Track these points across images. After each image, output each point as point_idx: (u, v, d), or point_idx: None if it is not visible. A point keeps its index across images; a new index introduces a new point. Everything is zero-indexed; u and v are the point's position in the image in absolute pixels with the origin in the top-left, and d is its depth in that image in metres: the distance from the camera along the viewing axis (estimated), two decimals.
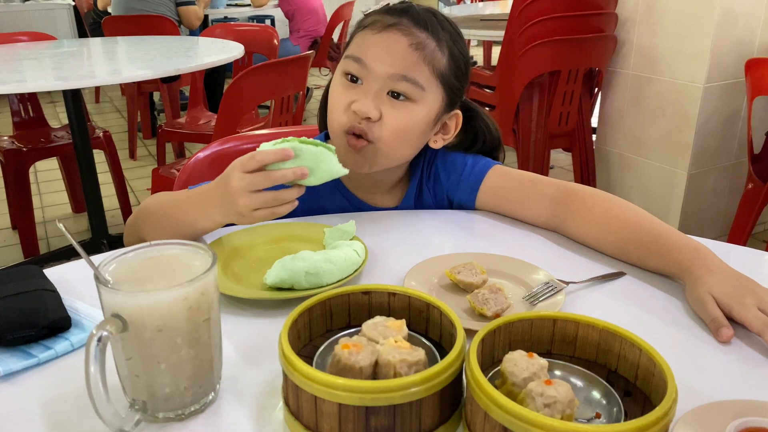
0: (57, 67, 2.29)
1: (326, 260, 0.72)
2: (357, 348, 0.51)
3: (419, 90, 0.86)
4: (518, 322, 0.55)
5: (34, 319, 0.62)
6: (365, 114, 0.85)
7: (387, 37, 0.85)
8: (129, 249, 0.54)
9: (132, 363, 0.51)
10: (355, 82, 0.87)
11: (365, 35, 0.87)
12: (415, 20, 0.86)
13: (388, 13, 0.87)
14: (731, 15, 2.23)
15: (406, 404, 0.47)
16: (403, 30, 0.85)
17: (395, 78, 0.85)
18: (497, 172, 0.97)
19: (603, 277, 0.76)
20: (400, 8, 0.88)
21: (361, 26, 0.89)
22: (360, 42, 0.88)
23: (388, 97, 0.86)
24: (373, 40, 0.86)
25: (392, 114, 0.86)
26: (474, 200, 0.98)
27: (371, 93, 0.86)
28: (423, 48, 0.85)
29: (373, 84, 0.86)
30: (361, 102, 0.85)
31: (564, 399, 0.46)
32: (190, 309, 0.50)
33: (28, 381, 0.59)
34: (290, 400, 0.51)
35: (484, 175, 0.97)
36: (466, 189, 0.98)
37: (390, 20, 0.86)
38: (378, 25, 0.86)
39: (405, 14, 0.86)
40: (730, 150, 2.49)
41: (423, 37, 0.86)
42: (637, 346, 0.51)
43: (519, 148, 2.70)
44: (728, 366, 0.62)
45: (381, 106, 0.86)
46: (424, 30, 0.86)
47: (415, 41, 0.85)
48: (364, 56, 0.86)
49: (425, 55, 0.86)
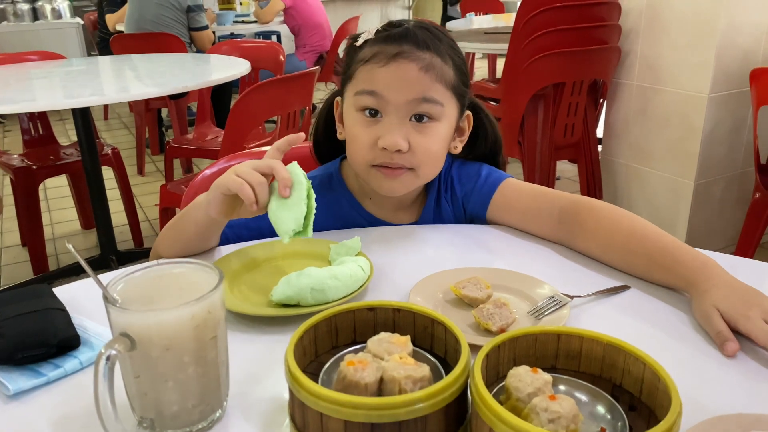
0: (66, 86, 2.32)
1: (332, 276, 0.72)
2: (362, 364, 0.52)
3: (439, 107, 0.88)
4: (522, 337, 0.55)
5: (44, 338, 0.63)
6: (396, 148, 0.86)
7: (396, 68, 0.85)
8: (137, 268, 0.55)
9: (140, 381, 0.52)
10: (374, 116, 0.88)
11: (372, 69, 0.87)
12: (417, 43, 0.87)
13: (388, 42, 0.87)
14: (735, 25, 2.24)
15: (411, 421, 0.47)
16: (409, 57, 0.86)
17: (416, 103, 0.87)
18: (509, 185, 0.98)
19: (608, 291, 0.76)
20: (398, 34, 0.88)
21: (363, 60, 0.88)
22: (368, 77, 0.88)
23: (412, 123, 0.88)
24: (382, 73, 0.86)
25: (420, 139, 0.88)
26: (485, 211, 0.99)
27: (395, 125, 0.87)
28: (432, 68, 0.87)
29: (394, 114, 0.87)
30: (389, 137, 0.86)
31: (568, 414, 0.46)
32: (197, 327, 0.51)
33: (38, 400, 0.60)
34: (296, 416, 0.52)
35: (497, 187, 0.98)
36: (478, 200, 0.99)
37: (393, 50, 0.86)
38: (382, 57, 0.86)
39: (405, 40, 0.87)
40: (737, 159, 2.49)
41: (429, 58, 0.86)
42: (642, 360, 0.51)
43: (524, 160, 2.70)
44: (734, 380, 0.62)
45: (408, 136, 0.87)
46: (428, 50, 0.87)
47: (423, 64, 0.86)
48: (379, 89, 0.86)
49: (435, 73, 0.87)
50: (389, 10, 7.84)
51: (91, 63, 2.98)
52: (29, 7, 5.82)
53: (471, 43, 3.21)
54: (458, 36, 3.34)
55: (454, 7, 6.72)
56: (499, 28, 3.61)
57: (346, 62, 0.93)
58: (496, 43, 3.04)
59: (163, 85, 2.26)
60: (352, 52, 0.92)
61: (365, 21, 6.98)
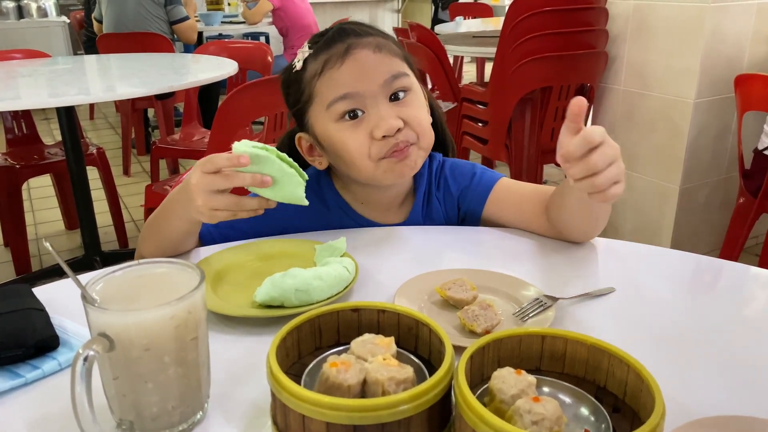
0: (51, 85, 2.29)
1: (316, 277, 0.72)
2: (345, 366, 0.51)
3: (408, 78, 0.89)
4: (507, 339, 0.55)
5: (22, 339, 0.62)
6: (395, 129, 0.85)
7: (353, 61, 0.85)
8: (117, 267, 0.54)
9: (119, 382, 0.51)
10: (355, 117, 0.87)
11: (331, 76, 0.86)
12: (356, 33, 0.87)
13: (330, 46, 0.86)
14: (720, 32, 2.26)
15: (394, 422, 0.47)
16: (358, 46, 0.85)
17: (388, 83, 0.86)
18: (504, 183, 1.00)
19: (593, 294, 0.76)
20: (334, 35, 0.87)
21: (315, 75, 0.87)
22: (332, 84, 0.86)
23: (392, 103, 0.87)
24: (343, 73, 0.85)
25: (408, 112, 0.88)
26: (482, 208, 0.99)
27: (381, 111, 0.86)
28: (383, 46, 0.87)
29: (374, 102, 0.86)
30: (383, 124, 0.85)
31: (552, 416, 0.46)
32: (177, 328, 0.50)
33: (16, 401, 0.59)
34: (278, 418, 0.51)
35: (493, 185, 0.99)
36: (474, 199, 1.00)
37: (340, 48, 0.85)
38: (334, 59, 0.85)
39: (344, 35, 0.87)
40: (722, 165, 2.51)
41: (374, 40, 0.87)
42: (626, 362, 0.51)
43: (512, 163, 2.71)
44: (717, 383, 0.62)
45: (398, 113, 0.87)
46: (368, 35, 0.87)
47: (374, 46, 0.86)
48: (349, 89, 0.85)
49: (388, 50, 0.88)
50: (378, 12, 7.84)
51: (77, 62, 2.95)
52: (14, 5, 5.75)
53: (459, 46, 3.21)
54: (447, 39, 3.34)
55: (444, 11, 6.74)
56: (487, 31, 3.62)
57: (296, 91, 0.91)
58: (484, 47, 3.05)
59: (150, 84, 2.24)
60: (298, 77, 0.90)
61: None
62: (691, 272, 0.87)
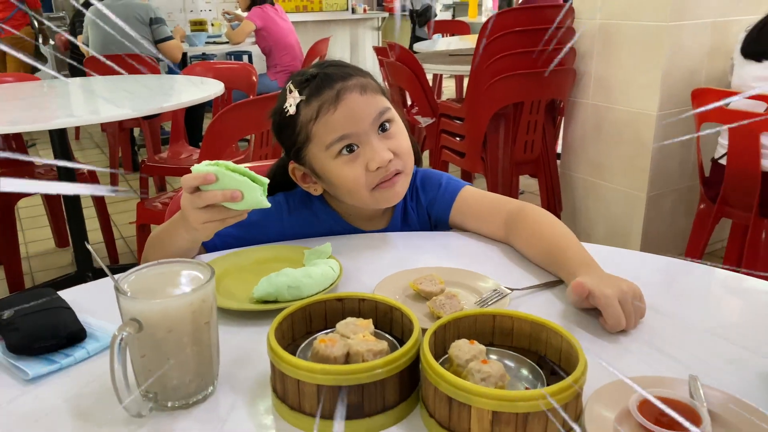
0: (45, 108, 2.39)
1: (306, 275, 0.83)
2: (332, 342, 0.63)
3: (390, 111, 1.01)
4: (464, 318, 0.67)
5: (55, 331, 0.73)
6: (387, 161, 0.98)
7: (344, 105, 0.96)
8: (143, 266, 0.65)
9: (146, 359, 0.62)
10: (352, 151, 0.98)
11: (327, 121, 0.97)
12: (341, 78, 0.98)
13: (321, 92, 0.97)
14: (679, 48, 2.41)
15: (372, 383, 0.58)
16: (347, 90, 0.97)
17: (376, 119, 0.99)
18: (467, 192, 1.11)
19: (543, 285, 0.88)
20: (322, 81, 0.98)
21: (311, 119, 0.98)
22: (329, 128, 0.97)
23: (381, 135, 1.00)
24: (338, 117, 0.96)
25: (394, 143, 1.00)
26: (448, 216, 1.11)
27: (374, 146, 0.98)
28: (365, 87, 0.99)
29: (367, 138, 0.98)
30: (377, 157, 0.97)
31: (496, 374, 0.57)
32: (194, 313, 0.61)
33: (53, 383, 0.69)
34: (277, 386, 0.62)
35: (456, 195, 1.11)
36: (440, 207, 1.12)
37: (330, 94, 0.96)
38: (327, 105, 0.96)
39: (331, 81, 0.97)
40: (685, 173, 2.66)
41: (357, 81, 0.98)
42: (560, 334, 0.63)
43: (488, 175, 2.84)
44: (639, 350, 0.74)
45: (387, 146, 0.99)
46: (352, 78, 0.98)
47: (359, 89, 0.98)
48: (345, 131, 0.97)
49: (371, 88, 1.00)
50: (359, 30, 8.01)
51: (66, 84, 3.04)
52: None
53: (436, 65, 3.36)
54: (424, 57, 3.48)
55: (422, 28, 6.92)
56: (463, 49, 3.77)
57: (291, 133, 1.01)
58: (459, 65, 3.19)
59: (141, 105, 2.34)
60: (291, 121, 1.00)
61: (335, 42, 7.14)
62: (636, 266, 0.99)
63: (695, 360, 0.72)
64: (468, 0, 7.30)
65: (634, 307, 0.77)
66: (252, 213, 0.85)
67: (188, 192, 0.81)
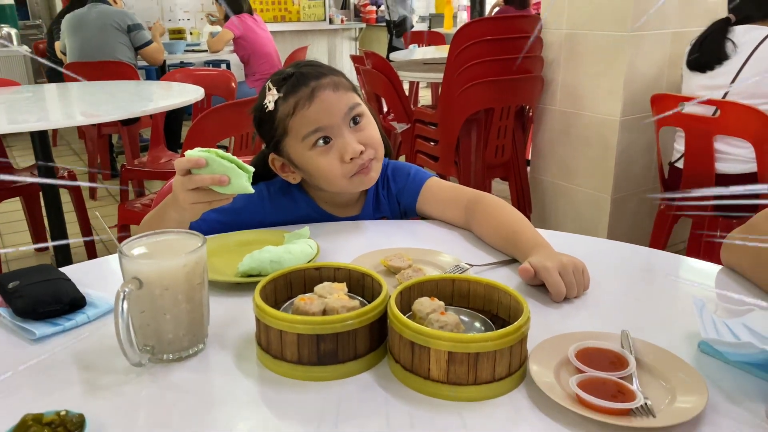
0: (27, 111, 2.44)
1: (286, 251, 0.91)
2: (311, 300, 0.71)
3: (360, 106, 1.11)
4: (427, 282, 0.76)
5: (58, 298, 0.80)
6: (359, 152, 1.07)
7: (319, 102, 1.06)
8: (143, 234, 0.73)
9: (144, 315, 0.70)
10: (327, 142, 1.08)
11: (303, 115, 1.06)
12: (315, 77, 1.07)
13: (297, 90, 1.06)
14: (640, 56, 2.54)
15: (344, 333, 0.67)
16: (320, 88, 1.06)
17: (347, 113, 1.09)
18: (432, 182, 1.21)
19: (500, 263, 0.98)
20: (298, 80, 1.07)
21: (288, 114, 1.07)
22: (304, 122, 1.06)
23: (353, 127, 1.09)
24: (312, 112, 1.06)
25: (365, 134, 1.10)
26: (415, 204, 1.21)
27: (346, 138, 1.08)
28: (338, 84, 1.09)
29: (339, 131, 1.08)
30: (349, 149, 1.07)
31: (452, 322, 0.67)
32: (187, 273, 0.69)
33: (57, 343, 0.77)
34: (261, 338, 0.71)
35: (422, 184, 1.20)
36: (408, 195, 1.22)
37: (306, 92, 1.06)
38: (303, 102, 1.06)
39: (306, 79, 1.07)
40: (648, 176, 2.78)
41: (330, 80, 1.08)
42: (509, 293, 0.73)
43: (461, 178, 2.95)
44: (576, 315, 0.83)
45: (358, 138, 1.09)
46: (325, 77, 1.08)
47: (332, 86, 1.07)
48: (319, 124, 1.07)
49: (342, 86, 1.10)
50: (336, 40, 8.12)
51: (47, 90, 3.09)
52: None
53: (411, 72, 3.47)
54: (400, 66, 3.59)
55: (399, 39, 7.05)
56: (437, 58, 3.89)
57: (270, 127, 1.11)
58: (433, 73, 3.30)
59: (123, 109, 2.41)
60: (270, 116, 1.10)
61: (313, 50, 7.23)
62: (590, 248, 1.09)
63: (630, 322, 0.81)
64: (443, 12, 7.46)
65: (576, 278, 0.86)
66: (235, 200, 0.93)
67: (180, 174, 0.89)
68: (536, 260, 0.89)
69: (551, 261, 0.87)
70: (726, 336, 0.74)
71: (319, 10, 7.84)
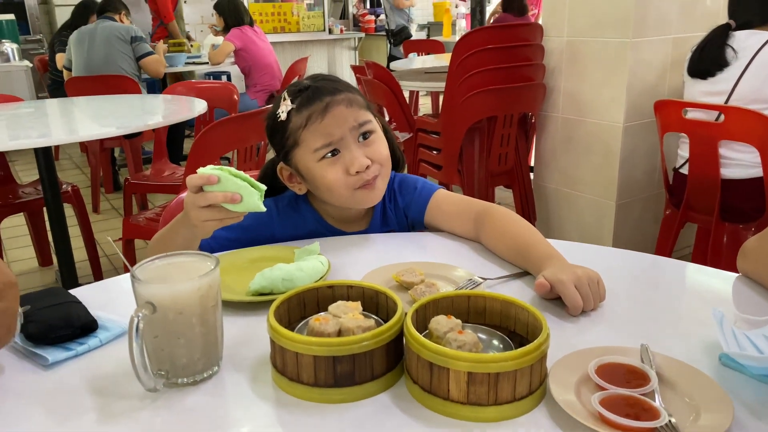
0: (30, 127, 2.44)
1: (298, 269, 0.91)
2: (325, 320, 0.70)
3: (371, 123, 1.11)
4: (443, 299, 0.75)
5: (69, 322, 0.79)
6: (365, 166, 1.07)
7: (331, 116, 1.06)
8: (155, 257, 0.73)
9: (158, 340, 0.69)
10: (336, 154, 1.08)
11: (315, 128, 1.07)
12: (331, 92, 1.08)
13: (311, 103, 1.07)
14: (642, 62, 2.54)
15: (361, 354, 0.66)
16: (334, 103, 1.07)
17: (356, 128, 1.09)
18: (440, 194, 1.21)
19: (512, 275, 0.97)
20: (313, 93, 1.08)
21: (300, 126, 1.08)
22: (316, 135, 1.07)
23: (361, 142, 1.10)
24: (324, 125, 1.07)
25: (373, 150, 1.10)
26: (423, 217, 1.20)
27: (353, 152, 1.08)
28: (351, 101, 1.09)
29: (347, 144, 1.08)
30: (356, 162, 1.07)
31: (471, 341, 0.66)
32: (201, 297, 0.69)
33: (71, 367, 0.76)
34: (277, 360, 0.70)
35: (430, 197, 1.20)
36: (416, 209, 1.21)
37: (320, 106, 1.06)
38: (316, 116, 1.06)
39: (321, 94, 1.07)
40: (652, 182, 2.77)
41: (344, 96, 1.09)
42: (527, 309, 0.72)
43: (464, 187, 2.94)
44: (594, 329, 0.83)
45: (365, 153, 1.09)
46: (339, 92, 1.09)
47: (345, 102, 1.08)
48: (330, 138, 1.07)
49: (356, 103, 1.10)
50: (336, 50, 8.14)
51: (50, 105, 3.09)
52: None
53: (412, 81, 3.47)
54: (401, 75, 3.59)
55: (398, 48, 7.06)
56: (438, 67, 3.89)
57: (282, 136, 1.11)
58: (435, 82, 3.30)
59: (126, 124, 2.41)
60: (283, 126, 1.10)
61: (313, 61, 7.25)
62: (601, 259, 1.08)
63: (648, 334, 0.80)
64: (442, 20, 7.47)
65: (591, 290, 0.85)
66: (245, 218, 0.93)
67: (192, 191, 0.88)
68: (550, 273, 0.88)
69: (566, 274, 0.86)
70: (747, 348, 0.73)
71: (319, 20, 7.87)
